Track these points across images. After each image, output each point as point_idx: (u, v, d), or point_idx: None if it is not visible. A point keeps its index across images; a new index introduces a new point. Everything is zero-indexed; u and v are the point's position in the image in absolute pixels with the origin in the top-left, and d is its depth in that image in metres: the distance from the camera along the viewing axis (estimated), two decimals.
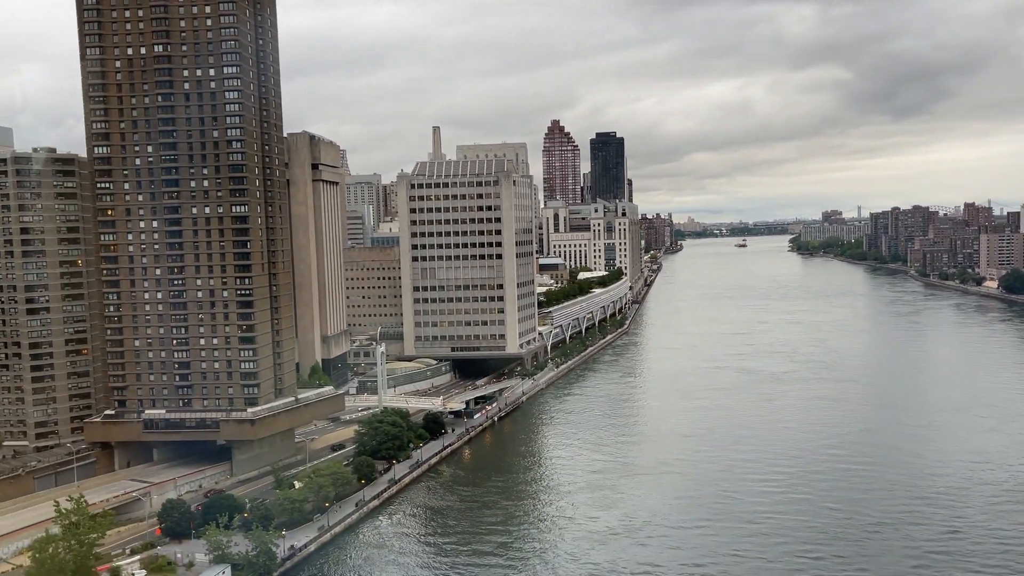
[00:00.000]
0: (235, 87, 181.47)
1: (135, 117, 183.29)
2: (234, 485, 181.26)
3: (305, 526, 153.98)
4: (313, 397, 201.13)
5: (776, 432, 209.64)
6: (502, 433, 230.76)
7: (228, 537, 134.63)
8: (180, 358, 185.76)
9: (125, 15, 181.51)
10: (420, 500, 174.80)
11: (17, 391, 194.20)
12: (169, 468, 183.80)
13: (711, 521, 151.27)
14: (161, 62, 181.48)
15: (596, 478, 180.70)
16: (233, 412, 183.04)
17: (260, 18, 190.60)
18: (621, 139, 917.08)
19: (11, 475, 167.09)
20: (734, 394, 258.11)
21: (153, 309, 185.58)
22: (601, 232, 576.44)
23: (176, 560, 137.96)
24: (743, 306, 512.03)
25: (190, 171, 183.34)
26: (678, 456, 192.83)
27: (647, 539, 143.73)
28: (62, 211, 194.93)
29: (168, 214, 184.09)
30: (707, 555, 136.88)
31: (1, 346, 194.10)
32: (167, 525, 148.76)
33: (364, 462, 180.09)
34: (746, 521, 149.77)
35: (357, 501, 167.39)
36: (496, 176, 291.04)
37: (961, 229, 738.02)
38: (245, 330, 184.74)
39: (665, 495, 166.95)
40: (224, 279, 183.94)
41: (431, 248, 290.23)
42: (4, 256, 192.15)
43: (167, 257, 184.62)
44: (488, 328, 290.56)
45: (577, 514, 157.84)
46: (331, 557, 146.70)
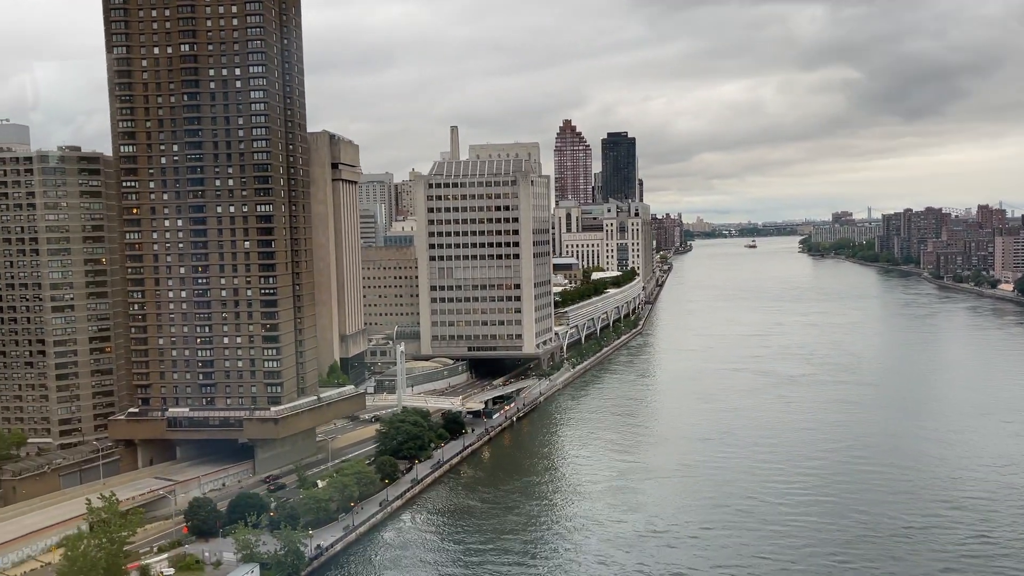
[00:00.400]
0: (261, 87, 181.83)
1: (161, 116, 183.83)
2: (256, 484, 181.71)
3: (330, 525, 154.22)
4: (335, 396, 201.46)
5: (797, 435, 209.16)
6: (521, 433, 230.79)
7: (256, 536, 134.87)
8: (204, 357, 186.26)
9: (152, 15, 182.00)
10: (442, 501, 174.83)
11: (41, 388, 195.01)
12: (192, 466, 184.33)
13: (737, 524, 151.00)
14: (187, 61, 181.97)
15: (618, 480, 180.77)
16: (256, 411, 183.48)
17: (285, 17, 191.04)
18: (633, 139, 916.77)
19: (37, 472, 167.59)
20: (752, 396, 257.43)
21: (177, 308, 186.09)
22: (614, 232, 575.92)
23: (204, 559, 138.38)
24: (757, 308, 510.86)
25: (215, 170, 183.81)
26: (699, 459, 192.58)
27: (674, 541, 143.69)
28: (87, 209, 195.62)
29: (193, 213, 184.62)
30: (735, 558, 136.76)
31: (25, 344, 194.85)
32: (194, 523, 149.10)
33: (387, 462, 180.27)
34: (772, 524, 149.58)
35: (381, 501, 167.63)
36: (514, 176, 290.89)
37: (975, 231, 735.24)
38: (269, 329, 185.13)
39: (689, 498, 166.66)
40: (248, 278, 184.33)
41: (448, 248, 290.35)
42: (29, 254, 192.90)
43: (191, 256, 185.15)
44: (505, 328, 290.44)
45: (602, 517, 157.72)
46: (357, 557, 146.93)
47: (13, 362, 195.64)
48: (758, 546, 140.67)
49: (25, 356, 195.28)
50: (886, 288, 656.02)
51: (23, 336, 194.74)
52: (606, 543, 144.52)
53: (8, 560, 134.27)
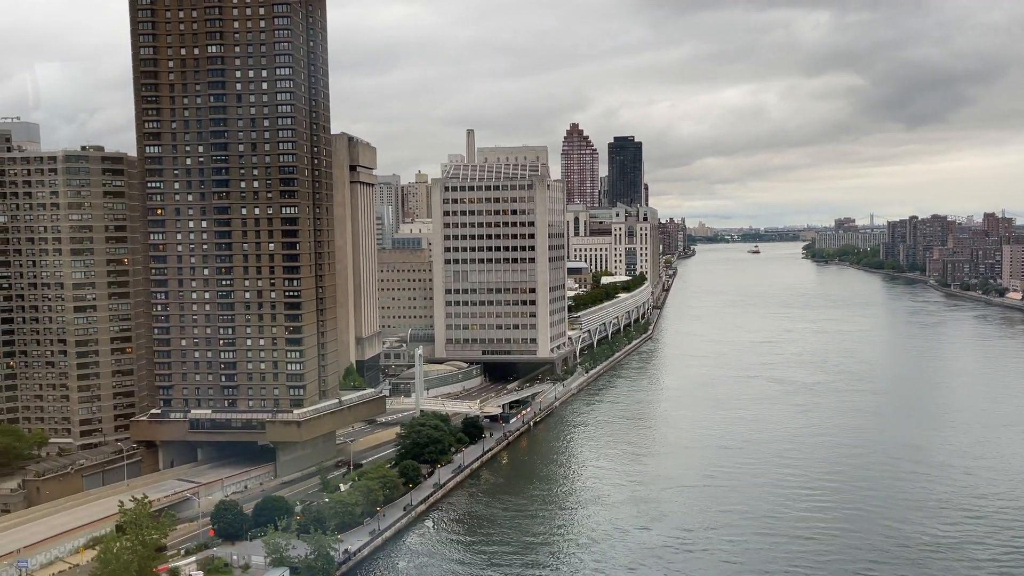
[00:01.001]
0: (287, 88, 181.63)
1: (186, 117, 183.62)
2: (278, 487, 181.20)
3: (356, 529, 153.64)
4: (356, 399, 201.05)
5: (818, 445, 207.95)
6: (538, 439, 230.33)
7: (287, 540, 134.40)
8: (226, 358, 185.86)
9: (179, 15, 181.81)
10: (465, 507, 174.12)
11: (62, 388, 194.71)
12: (214, 468, 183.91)
13: (765, 535, 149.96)
14: (214, 62, 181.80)
15: (640, 489, 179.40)
16: (279, 413, 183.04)
17: (311, 19, 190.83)
18: (639, 143, 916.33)
19: (60, 473, 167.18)
20: (768, 404, 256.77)
21: (200, 309, 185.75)
22: (622, 236, 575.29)
23: (232, 562, 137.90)
24: (766, 314, 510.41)
25: (240, 172, 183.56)
26: (721, 468, 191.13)
27: (703, 552, 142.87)
28: (110, 209, 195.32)
29: (217, 214, 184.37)
30: (765, 568, 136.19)
31: (47, 343, 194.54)
32: (220, 526, 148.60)
33: (410, 466, 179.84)
34: (800, 535, 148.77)
35: (405, 505, 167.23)
36: (530, 180, 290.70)
37: (981, 239, 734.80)
38: (292, 331, 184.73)
39: (714, 508, 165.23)
40: (272, 280, 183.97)
41: (464, 251, 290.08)
42: (52, 253, 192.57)
43: (215, 257, 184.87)
44: (520, 332, 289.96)
45: (627, 526, 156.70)
46: (384, 563, 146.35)
47: (34, 361, 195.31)
48: (789, 558, 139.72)
49: (47, 356, 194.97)
50: (893, 295, 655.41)
51: (44, 336, 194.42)
52: (634, 554, 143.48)
53: (37, 561, 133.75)
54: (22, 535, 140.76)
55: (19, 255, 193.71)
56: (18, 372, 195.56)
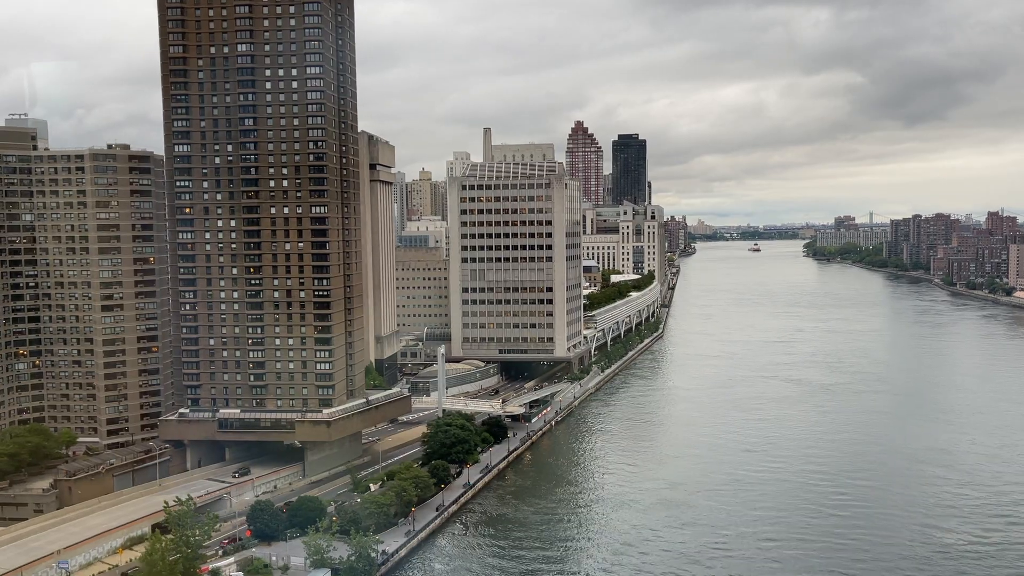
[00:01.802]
0: (317, 87, 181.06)
1: (215, 116, 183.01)
2: (307, 487, 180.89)
3: (391, 530, 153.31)
4: (382, 398, 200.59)
5: (843, 447, 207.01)
6: (560, 439, 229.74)
7: (328, 541, 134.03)
8: (255, 358, 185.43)
9: (208, 14, 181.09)
10: (495, 508, 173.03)
11: (89, 388, 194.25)
12: (242, 468, 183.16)
13: (800, 539, 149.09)
14: (244, 61, 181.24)
15: (668, 492, 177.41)
16: (308, 413, 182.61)
17: (340, 18, 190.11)
18: (643, 141, 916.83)
19: (92, 473, 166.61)
20: (788, 406, 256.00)
21: (229, 308, 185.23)
22: (630, 235, 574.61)
23: (271, 563, 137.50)
24: (774, 313, 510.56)
25: (269, 171, 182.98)
26: (747, 471, 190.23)
27: (744, 558, 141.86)
28: (136, 208, 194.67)
29: (246, 213, 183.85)
30: (807, 570, 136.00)
31: (74, 342, 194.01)
32: (256, 527, 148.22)
33: (440, 466, 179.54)
34: (835, 539, 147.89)
35: (437, 506, 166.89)
36: (547, 178, 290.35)
37: (985, 238, 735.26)
38: (321, 331, 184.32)
39: (745, 511, 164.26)
40: (301, 279, 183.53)
41: (481, 250, 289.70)
42: (79, 252, 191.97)
43: (244, 256, 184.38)
44: (536, 331, 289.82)
45: (660, 530, 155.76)
46: (421, 564, 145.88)
47: (60, 361, 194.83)
48: (825, 562, 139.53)
49: (73, 355, 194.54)
50: (899, 294, 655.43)
51: (71, 335, 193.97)
52: (672, 558, 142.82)
53: (76, 562, 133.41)
54: (60, 536, 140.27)
55: (45, 254, 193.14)
56: (44, 371, 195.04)
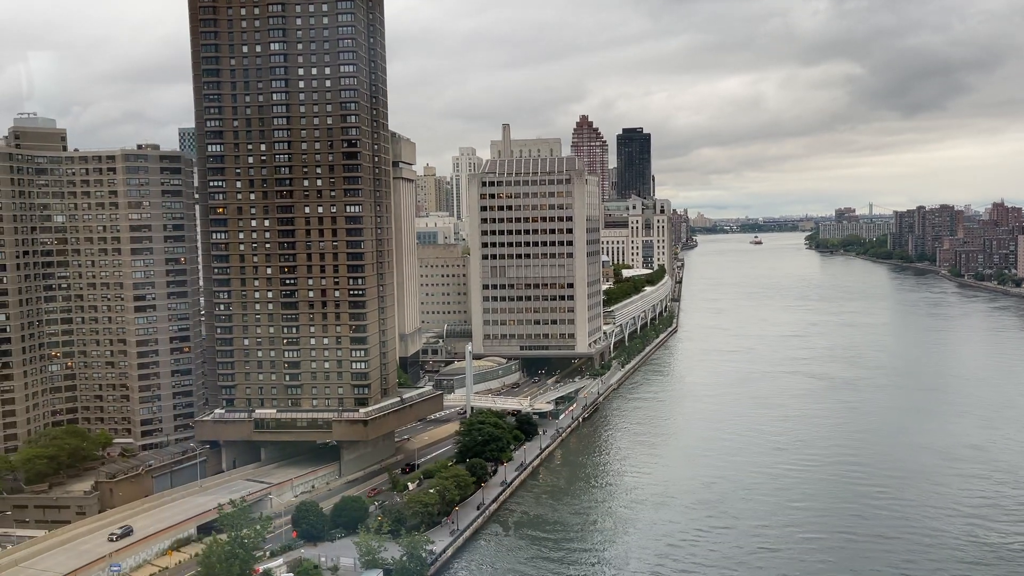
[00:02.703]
0: (351, 85, 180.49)
1: (248, 115, 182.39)
2: (343, 486, 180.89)
3: (435, 530, 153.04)
4: (416, 397, 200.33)
5: (877, 445, 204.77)
6: (589, 437, 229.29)
7: (380, 542, 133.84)
8: (290, 358, 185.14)
9: (241, 12, 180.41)
10: (531, 507, 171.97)
11: (122, 388, 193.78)
12: (279, 468, 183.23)
13: (852, 539, 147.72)
14: (277, 60, 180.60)
15: (705, 492, 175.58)
16: (345, 412, 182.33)
17: (372, 15, 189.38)
18: (648, 135, 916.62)
19: (132, 475, 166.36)
20: (813, 401, 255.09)
21: (263, 308, 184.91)
22: (639, 229, 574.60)
23: (321, 563, 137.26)
24: (785, 306, 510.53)
25: (303, 170, 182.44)
26: (782, 469, 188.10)
27: (792, 557, 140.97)
28: (168, 208, 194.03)
29: (280, 213, 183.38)
30: (855, 569, 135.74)
31: (107, 343, 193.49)
32: (302, 528, 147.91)
33: (477, 464, 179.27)
34: (882, 537, 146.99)
35: (478, 504, 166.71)
36: (568, 174, 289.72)
37: (991, 229, 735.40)
38: (356, 330, 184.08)
39: (787, 511, 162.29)
40: (336, 278, 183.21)
41: (502, 246, 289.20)
42: (111, 253, 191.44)
43: (278, 256, 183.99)
44: (558, 327, 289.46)
45: (705, 529, 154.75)
46: (469, 565, 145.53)
47: (94, 362, 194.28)
48: (870, 558, 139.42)
49: (106, 356, 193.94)
50: (907, 287, 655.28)
51: (104, 336, 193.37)
52: (719, 559, 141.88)
53: (127, 564, 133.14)
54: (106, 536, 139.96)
55: (77, 255, 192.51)
56: (77, 372, 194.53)
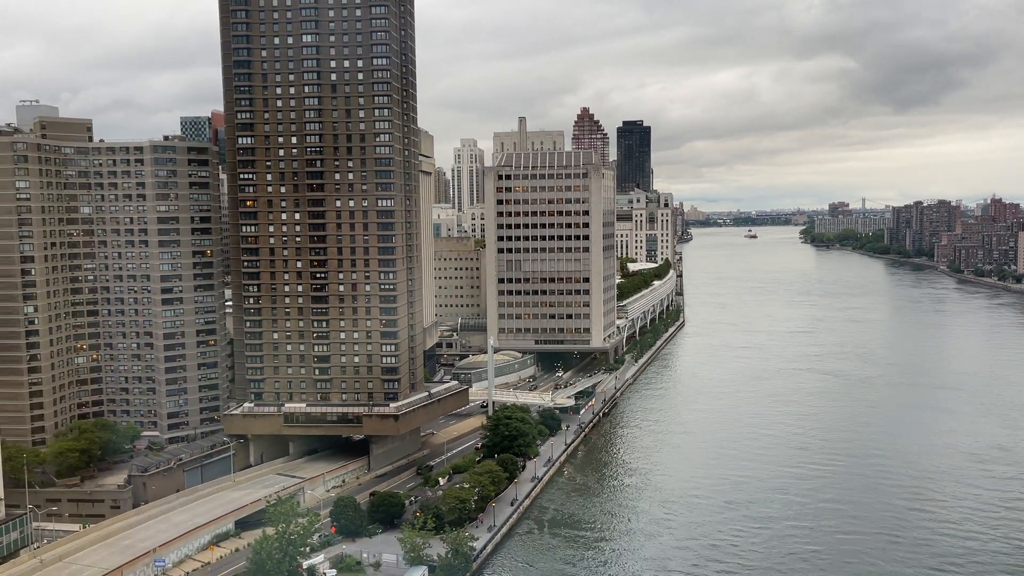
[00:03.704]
0: (384, 79, 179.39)
1: (279, 107, 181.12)
2: (373, 481, 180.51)
3: (470, 526, 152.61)
4: (443, 391, 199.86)
5: (904, 446, 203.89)
6: (610, 433, 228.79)
7: (425, 539, 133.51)
8: (319, 352, 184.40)
9: (273, 3, 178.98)
10: (561, 504, 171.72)
11: (148, 381, 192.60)
12: (308, 463, 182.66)
13: (895, 540, 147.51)
14: (309, 52, 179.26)
15: (734, 493, 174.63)
16: (375, 407, 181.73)
17: (403, 7, 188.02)
18: (648, 128, 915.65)
19: (164, 468, 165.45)
20: (830, 399, 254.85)
21: (293, 302, 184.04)
22: (643, 223, 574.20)
23: (363, 560, 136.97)
24: (789, 302, 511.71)
25: (335, 163, 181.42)
26: (807, 469, 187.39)
27: (838, 561, 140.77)
28: (195, 200, 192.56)
29: (311, 206, 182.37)
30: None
31: (133, 336, 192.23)
32: (341, 523, 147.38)
33: (508, 459, 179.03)
34: (933, 543, 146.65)
35: (512, 500, 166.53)
36: (585, 168, 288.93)
37: (989, 225, 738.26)
38: (386, 324, 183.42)
39: (822, 512, 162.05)
40: (367, 272, 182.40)
41: (517, 240, 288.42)
42: (139, 245, 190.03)
43: (309, 250, 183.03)
44: (573, 321, 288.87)
45: (741, 529, 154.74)
46: (506, 562, 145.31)
47: (120, 355, 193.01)
48: (910, 559, 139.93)
49: (132, 349, 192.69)
50: (908, 282, 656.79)
51: (130, 328, 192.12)
52: (764, 559, 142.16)
53: (169, 560, 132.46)
54: (149, 533, 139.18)
55: (104, 247, 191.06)
56: (103, 365, 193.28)
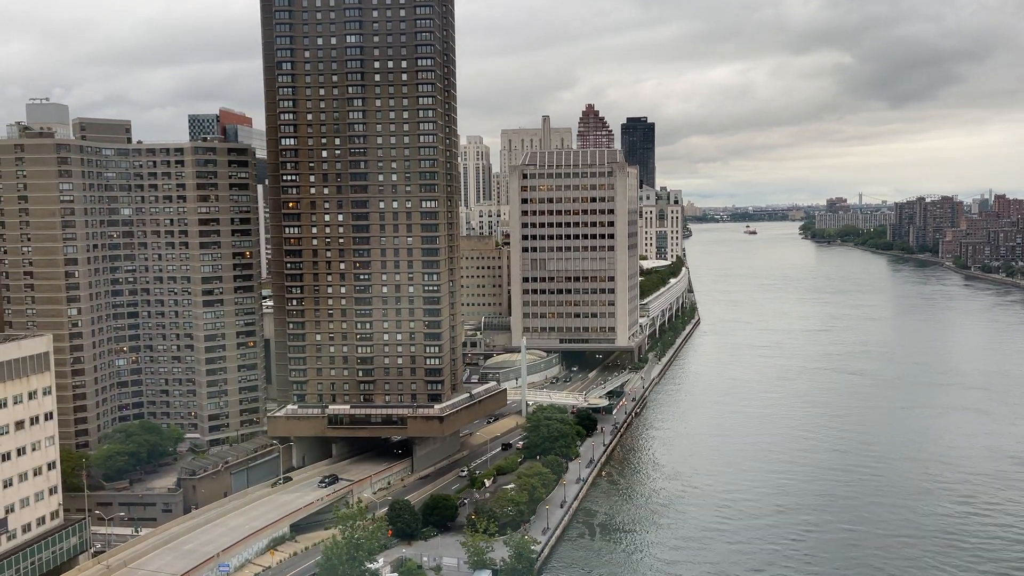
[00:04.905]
0: (428, 79, 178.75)
1: (323, 109, 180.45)
2: (417, 483, 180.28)
3: (523, 527, 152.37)
4: (483, 392, 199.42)
5: (949, 449, 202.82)
6: (644, 433, 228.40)
7: (488, 542, 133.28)
8: (363, 353, 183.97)
9: (316, 4, 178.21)
10: (607, 505, 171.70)
11: (188, 383, 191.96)
12: (352, 464, 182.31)
13: (961, 548, 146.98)
14: (353, 53, 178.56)
15: (780, 497, 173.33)
16: (420, 408, 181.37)
17: (445, 7, 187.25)
18: (652, 124, 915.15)
19: (212, 472, 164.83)
20: (860, 400, 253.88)
21: (336, 304, 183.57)
22: (653, 220, 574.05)
23: (423, 563, 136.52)
24: (801, 299, 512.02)
25: (379, 165, 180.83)
26: (853, 475, 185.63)
27: (903, 568, 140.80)
28: (235, 202, 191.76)
29: (355, 208, 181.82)
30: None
31: (173, 338, 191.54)
32: (397, 526, 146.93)
33: (555, 461, 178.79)
34: (995, 548, 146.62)
35: (561, 502, 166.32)
36: (610, 167, 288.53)
37: (994, 221, 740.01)
38: (430, 325, 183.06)
39: (879, 520, 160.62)
40: (411, 274, 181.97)
41: (542, 239, 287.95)
42: (179, 247, 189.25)
43: (352, 251, 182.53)
44: (598, 320, 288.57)
45: (795, 536, 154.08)
46: (563, 565, 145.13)
47: (160, 356, 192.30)
48: (973, 561, 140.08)
49: (172, 350, 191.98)
50: (915, 279, 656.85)
51: (171, 330, 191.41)
52: (831, 565, 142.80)
53: (231, 564, 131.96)
54: (208, 537, 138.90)
55: (144, 248, 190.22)
56: (143, 367, 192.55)
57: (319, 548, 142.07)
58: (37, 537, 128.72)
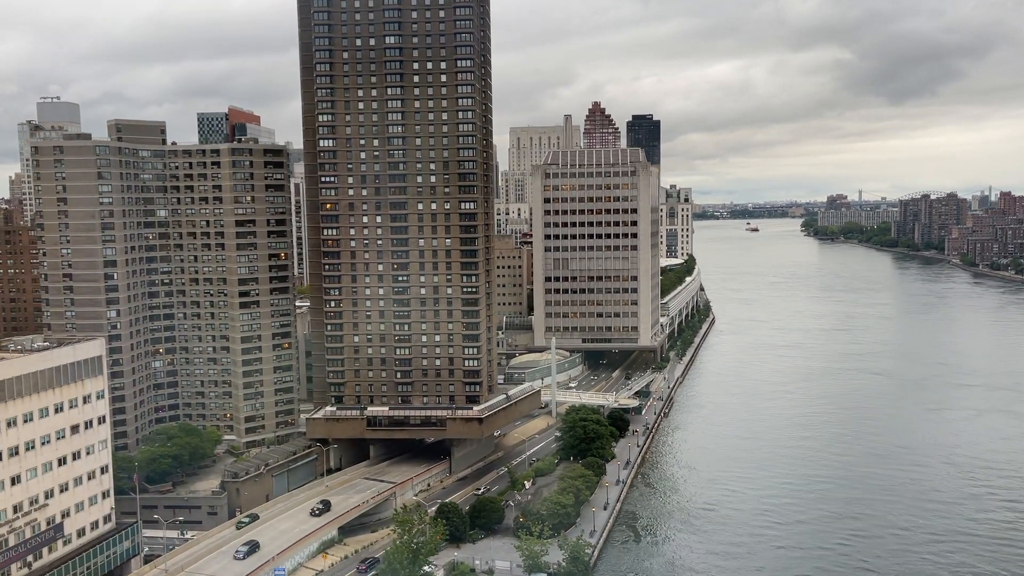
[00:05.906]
0: (468, 81, 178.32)
1: (361, 110, 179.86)
2: (455, 484, 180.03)
3: (571, 530, 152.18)
4: (519, 393, 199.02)
5: (988, 454, 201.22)
6: (674, 433, 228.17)
7: (543, 546, 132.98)
8: (401, 355, 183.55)
9: (355, 4, 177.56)
10: (646, 507, 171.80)
11: (224, 385, 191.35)
12: (391, 466, 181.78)
13: (1013, 552, 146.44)
14: (392, 54, 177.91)
15: (820, 502, 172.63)
16: (459, 410, 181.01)
17: (483, 8, 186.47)
18: (658, 122, 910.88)
19: (255, 474, 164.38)
20: (887, 401, 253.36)
21: (374, 305, 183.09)
22: (664, 218, 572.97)
23: (476, 567, 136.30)
24: (813, 297, 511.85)
25: (417, 166, 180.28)
26: (899, 482, 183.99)
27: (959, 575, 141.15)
28: (271, 203, 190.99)
29: (393, 209, 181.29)
30: None
31: (209, 339, 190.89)
32: (446, 529, 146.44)
33: (594, 463, 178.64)
34: None
35: (604, 504, 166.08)
36: (633, 167, 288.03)
37: (1001, 218, 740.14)
38: (469, 327, 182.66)
39: (922, 527, 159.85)
40: (449, 275, 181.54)
41: (565, 238, 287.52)
42: (215, 248, 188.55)
43: (390, 253, 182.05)
44: (621, 320, 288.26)
45: (844, 540, 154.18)
46: (612, 569, 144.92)
47: (195, 358, 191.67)
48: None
49: (208, 352, 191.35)
50: (924, 276, 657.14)
51: (206, 332, 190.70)
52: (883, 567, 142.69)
53: (286, 568, 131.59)
54: (261, 540, 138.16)
55: (180, 250, 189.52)
56: (179, 369, 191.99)
57: (368, 551, 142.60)
58: (91, 542, 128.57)
